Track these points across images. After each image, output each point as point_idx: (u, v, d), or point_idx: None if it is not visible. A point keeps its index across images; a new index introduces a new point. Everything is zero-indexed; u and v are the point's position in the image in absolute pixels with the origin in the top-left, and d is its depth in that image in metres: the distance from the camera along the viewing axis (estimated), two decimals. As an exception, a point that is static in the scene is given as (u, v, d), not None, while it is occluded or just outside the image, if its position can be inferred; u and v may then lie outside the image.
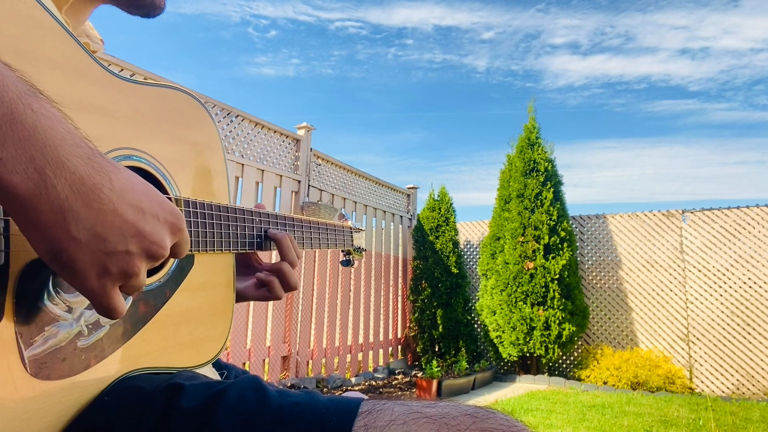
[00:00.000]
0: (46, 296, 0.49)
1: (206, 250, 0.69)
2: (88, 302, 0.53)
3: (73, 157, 0.40)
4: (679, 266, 6.13)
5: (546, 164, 6.21)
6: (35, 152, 0.38)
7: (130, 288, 0.46)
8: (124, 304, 0.46)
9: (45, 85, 0.49)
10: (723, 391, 5.68)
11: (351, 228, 1.16)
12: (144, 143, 0.62)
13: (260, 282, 0.82)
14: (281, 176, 5.13)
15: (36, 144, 0.38)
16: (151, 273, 0.62)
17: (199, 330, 0.69)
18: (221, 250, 0.72)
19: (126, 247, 0.44)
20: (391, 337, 6.77)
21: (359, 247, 1.20)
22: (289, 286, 0.82)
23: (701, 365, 5.86)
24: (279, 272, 0.81)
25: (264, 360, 4.82)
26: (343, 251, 1.19)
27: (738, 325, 5.72)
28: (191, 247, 0.67)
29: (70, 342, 0.51)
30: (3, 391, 0.45)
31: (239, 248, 0.76)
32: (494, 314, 6.19)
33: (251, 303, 4.63)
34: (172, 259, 0.65)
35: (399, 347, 6.90)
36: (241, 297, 0.83)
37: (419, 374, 5.91)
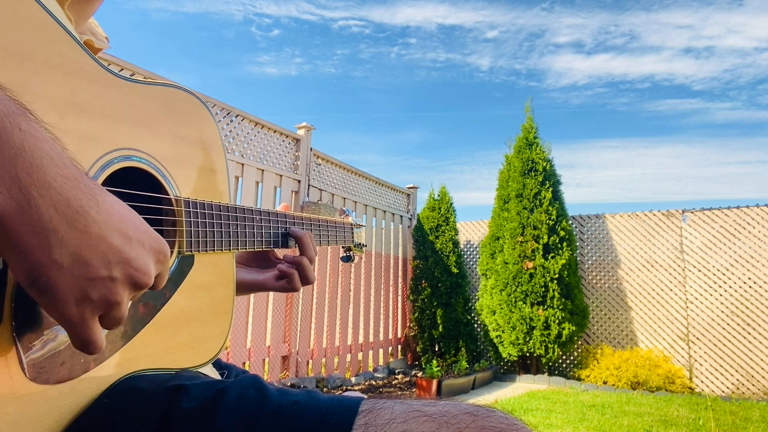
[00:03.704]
0: None
1: (206, 250, 0.69)
2: None
3: (60, 178, 0.39)
4: (679, 266, 6.13)
5: (544, 164, 6.21)
6: (21, 172, 0.37)
7: (110, 320, 0.44)
8: (102, 337, 0.43)
9: (43, 86, 0.49)
10: (723, 391, 5.68)
11: (352, 224, 1.16)
12: (144, 143, 0.62)
13: (281, 274, 0.87)
14: (281, 176, 5.13)
15: (22, 164, 0.37)
16: None
17: (199, 330, 0.69)
18: (221, 249, 0.72)
19: (109, 272, 0.42)
20: (391, 336, 6.77)
21: (360, 243, 1.20)
22: (307, 280, 0.88)
23: (701, 365, 5.86)
24: (299, 266, 0.87)
25: (264, 360, 4.82)
26: (343, 247, 1.19)
27: (738, 325, 5.72)
28: (191, 247, 0.66)
29: (69, 345, 0.51)
30: (2, 396, 0.45)
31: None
32: (494, 314, 6.19)
33: (251, 303, 4.64)
34: (172, 261, 0.65)
35: (399, 347, 6.90)
36: (261, 288, 0.89)
37: (419, 374, 5.91)
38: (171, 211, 0.65)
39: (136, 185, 0.61)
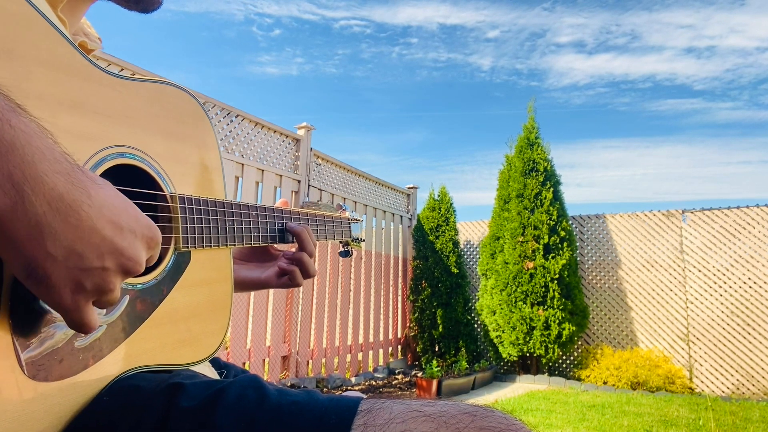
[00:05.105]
0: None
1: (203, 246, 0.69)
2: None
3: (51, 173, 0.40)
4: (679, 266, 6.12)
5: (545, 164, 6.21)
6: (13, 168, 0.38)
7: (103, 303, 0.46)
8: (96, 318, 0.46)
9: (36, 84, 0.48)
10: (723, 391, 5.68)
11: (349, 219, 1.17)
12: (137, 140, 0.62)
13: (282, 271, 0.89)
14: (281, 176, 5.13)
15: (14, 160, 0.38)
16: (147, 271, 0.62)
17: (197, 326, 0.69)
18: (218, 245, 0.72)
19: (102, 263, 0.44)
20: (391, 336, 6.77)
21: (357, 238, 1.20)
22: (308, 274, 0.89)
23: (701, 365, 5.86)
24: (299, 262, 0.88)
25: (264, 360, 4.82)
26: (341, 242, 1.20)
27: (738, 325, 5.72)
28: (188, 243, 0.67)
29: (68, 343, 0.51)
30: (1, 394, 0.45)
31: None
32: (494, 314, 6.19)
33: (251, 303, 4.64)
34: (168, 257, 0.65)
35: (399, 347, 6.90)
36: (263, 286, 0.90)
37: (419, 374, 5.91)
38: (166, 208, 0.65)
39: (130, 182, 0.61)
